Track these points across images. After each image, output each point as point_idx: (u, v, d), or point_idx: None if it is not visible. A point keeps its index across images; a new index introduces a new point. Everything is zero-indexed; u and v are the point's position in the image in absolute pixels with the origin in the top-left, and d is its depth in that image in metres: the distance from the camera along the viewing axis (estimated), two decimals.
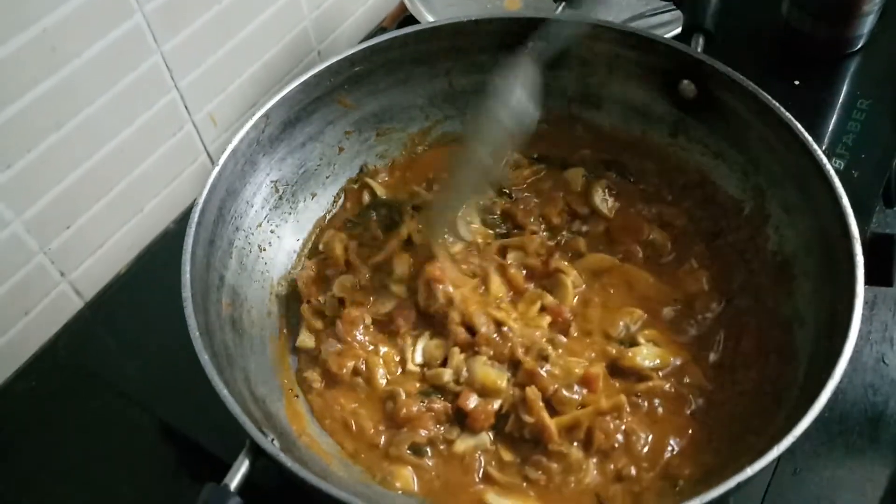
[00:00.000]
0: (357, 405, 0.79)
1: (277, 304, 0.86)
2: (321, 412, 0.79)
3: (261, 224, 0.87)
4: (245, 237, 0.85)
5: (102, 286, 0.96)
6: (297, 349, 0.84)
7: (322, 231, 0.93)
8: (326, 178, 0.95)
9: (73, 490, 0.81)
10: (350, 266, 0.88)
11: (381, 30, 1.23)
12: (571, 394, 0.76)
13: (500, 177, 0.94)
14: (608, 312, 0.84)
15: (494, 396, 0.77)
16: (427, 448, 0.75)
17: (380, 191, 0.95)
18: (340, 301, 0.85)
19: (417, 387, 0.79)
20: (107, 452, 0.83)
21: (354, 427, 0.77)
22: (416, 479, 0.74)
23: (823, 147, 0.99)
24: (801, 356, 0.74)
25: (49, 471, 0.82)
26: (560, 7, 1.01)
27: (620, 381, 0.79)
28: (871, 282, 0.71)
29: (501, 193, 0.94)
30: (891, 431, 0.84)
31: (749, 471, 0.59)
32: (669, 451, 0.74)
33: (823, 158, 0.75)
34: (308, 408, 0.79)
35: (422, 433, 0.75)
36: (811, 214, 0.78)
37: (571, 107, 0.97)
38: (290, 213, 0.91)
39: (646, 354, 0.79)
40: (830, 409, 0.81)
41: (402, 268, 0.86)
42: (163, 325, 0.76)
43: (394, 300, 0.85)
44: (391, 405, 0.78)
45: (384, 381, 0.80)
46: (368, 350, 0.82)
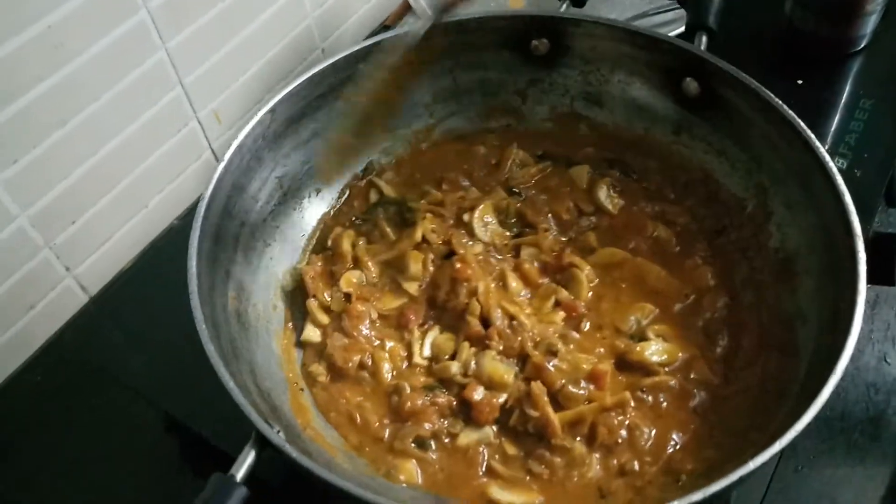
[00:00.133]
0: (362, 399, 0.79)
1: (283, 299, 0.87)
2: (326, 405, 0.79)
3: (266, 219, 0.88)
4: (250, 232, 0.85)
5: (107, 281, 0.97)
6: (303, 343, 0.84)
7: (327, 227, 0.93)
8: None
9: (79, 483, 0.81)
10: (357, 262, 0.89)
11: (385, 28, 1.23)
12: (578, 389, 0.76)
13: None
14: (620, 307, 0.84)
15: (501, 390, 0.77)
16: (431, 441, 0.75)
17: (387, 189, 0.96)
18: (346, 296, 0.85)
19: (422, 381, 0.79)
20: (112, 446, 0.83)
21: (359, 420, 0.77)
22: (420, 472, 0.74)
23: (826, 147, 0.99)
24: (804, 353, 0.74)
25: (54, 464, 0.82)
26: (564, 5, 1.02)
27: (627, 376, 0.79)
28: (874, 281, 0.71)
29: (511, 192, 0.94)
30: (892, 430, 0.84)
31: (751, 464, 0.59)
32: (672, 446, 0.74)
33: (826, 155, 0.75)
34: (313, 401, 0.79)
35: (426, 427, 0.75)
36: (814, 212, 0.78)
37: (574, 105, 0.97)
38: (295, 209, 0.92)
39: (654, 350, 0.80)
40: (832, 408, 0.82)
41: (416, 266, 0.86)
42: (167, 320, 0.76)
43: (404, 296, 0.86)
44: (396, 399, 0.78)
45: (389, 376, 0.80)
46: (374, 345, 0.82)
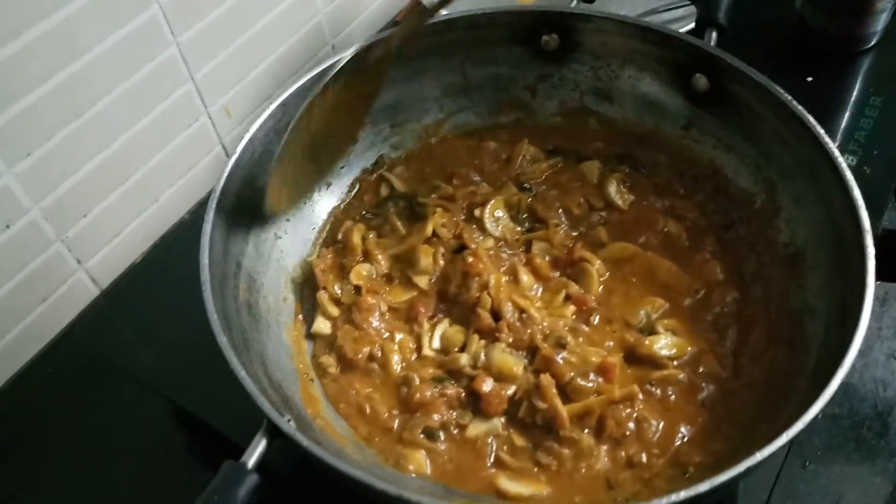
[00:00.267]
0: (372, 390, 0.79)
1: (293, 291, 0.87)
2: (336, 396, 0.79)
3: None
4: (261, 224, 0.85)
5: (118, 274, 0.97)
6: (313, 335, 0.84)
7: (337, 220, 0.94)
8: (341, 169, 0.95)
9: (90, 475, 0.82)
10: (368, 256, 0.89)
11: (395, 24, 1.24)
12: (587, 382, 0.76)
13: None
14: (630, 301, 0.84)
15: (510, 382, 0.77)
16: (440, 432, 0.75)
17: (397, 184, 0.96)
18: (356, 289, 0.86)
19: (431, 373, 0.79)
20: (123, 438, 0.84)
21: (369, 411, 0.78)
22: (429, 463, 0.74)
23: (836, 143, 0.99)
24: (812, 347, 0.74)
25: (66, 456, 0.83)
26: (574, 1, 1.02)
27: (636, 369, 0.79)
28: (883, 278, 0.71)
29: (522, 188, 0.95)
30: None
31: (759, 455, 0.59)
32: (680, 439, 0.74)
33: (835, 150, 0.75)
34: (323, 392, 0.80)
35: (435, 418, 0.76)
36: (823, 207, 0.78)
37: (584, 100, 0.97)
38: (306, 202, 0.92)
39: (663, 343, 0.80)
40: (840, 405, 0.82)
41: (427, 260, 0.87)
42: (178, 314, 0.77)
43: (414, 289, 0.86)
44: (405, 390, 0.78)
45: (399, 367, 0.80)
46: (384, 337, 0.82)
